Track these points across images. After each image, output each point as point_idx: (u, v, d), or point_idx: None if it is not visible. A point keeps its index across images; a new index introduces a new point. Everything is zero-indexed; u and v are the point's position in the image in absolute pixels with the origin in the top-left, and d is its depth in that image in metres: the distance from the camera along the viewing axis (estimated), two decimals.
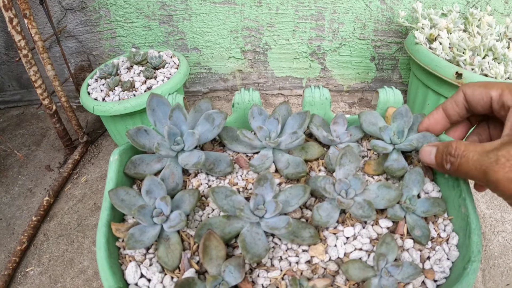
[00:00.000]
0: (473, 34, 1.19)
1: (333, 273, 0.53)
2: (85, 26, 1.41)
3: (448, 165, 0.47)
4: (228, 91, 1.64)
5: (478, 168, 0.42)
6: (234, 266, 0.49)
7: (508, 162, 0.39)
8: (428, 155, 0.52)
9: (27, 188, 1.25)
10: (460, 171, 0.46)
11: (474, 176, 0.44)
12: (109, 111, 1.06)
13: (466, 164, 0.44)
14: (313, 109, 0.73)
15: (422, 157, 0.54)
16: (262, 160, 0.64)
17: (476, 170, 0.43)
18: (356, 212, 0.56)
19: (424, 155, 0.54)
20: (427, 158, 0.53)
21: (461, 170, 0.45)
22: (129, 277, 0.52)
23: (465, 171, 0.45)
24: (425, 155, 0.53)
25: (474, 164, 0.43)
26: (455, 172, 0.47)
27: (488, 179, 0.41)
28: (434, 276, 0.52)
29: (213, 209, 0.60)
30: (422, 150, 0.54)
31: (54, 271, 0.99)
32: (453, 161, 0.46)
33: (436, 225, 0.59)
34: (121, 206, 0.56)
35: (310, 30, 1.43)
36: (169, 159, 0.64)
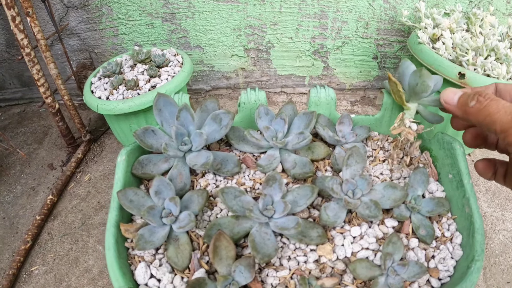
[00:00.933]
0: (476, 34, 1.19)
1: (341, 272, 0.53)
2: (87, 23, 1.41)
3: (473, 103, 0.45)
4: (231, 89, 1.64)
5: (509, 111, 0.41)
6: (244, 266, 0.49)
7: None
8: (452, 94, 0.49)
9: (30, 186, 1.25)
10: (485, 111, 0.43)
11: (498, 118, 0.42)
12: (113, 110, 1.06)
13: (495, 105, 0.42)
14: (318, 109, 0.74)
15: (444, 96, 0.51)
16: (269, 160, 0.65)
17: (506, 113, 0.41)
18: (363, 212, 0.56)
19: (447, 95, 0.50)
20: (450, 97, 0.50)
21: (486, 110, 0.43)
22: (139, 277, 0.52)
23: (491, 112, 0.43)
24: (449, 94, 0.50)
25: (505, 106, 0.41)
26: (477, 112, 0.45)
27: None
28: (438, 275, 0.53)
29: (221, 209, 0.60)
30: (447, 90, 0.51)
31: (59, 270, 0.99)
32: (481, 100, 0.44)
33: (440, 224, 0.60)
34: (130, 207, 0.56)
35: (313, 28, 1.43)
36: (177, 159, 0.64)
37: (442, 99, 0.51)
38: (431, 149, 0.70)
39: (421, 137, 0.73)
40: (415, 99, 0.61)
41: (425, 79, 0.58)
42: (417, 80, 0.59)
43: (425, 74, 0.58)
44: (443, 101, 0.51)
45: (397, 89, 0.61)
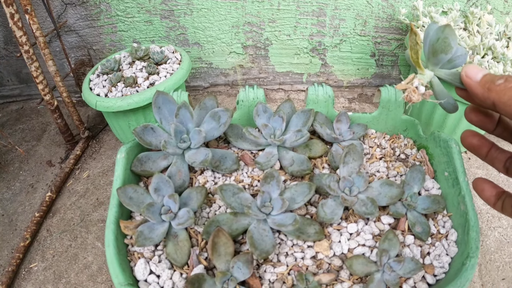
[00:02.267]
0: (473, 33, 1.19)
1: (338, 268, 0.54)
2: (85, 20, 1.41)
3: (501, 81, 0.43)
4: (229, 86, 1.65)
5: None
6: (242, 262, 0.50)
7: None
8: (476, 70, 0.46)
9: (29, 183, 1.25)
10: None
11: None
12: (112, 107, 1.06)
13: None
14: (316, 106, 0.74)
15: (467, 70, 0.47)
16: (267, 158, 0.65)
17: None
18: (359, 209, 0.57)
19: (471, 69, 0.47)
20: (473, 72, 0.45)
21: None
22: (139, 273, 0.53)
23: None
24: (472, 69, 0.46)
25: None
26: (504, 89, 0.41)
27: None
28: (434, 271, 0.54)
29: (220, 206, 0.61)
30: (472, 65, 0.47)
31: (58, 266, 0.99)
32: (510, 79, 0.42)
33: (435, 221, 0.61)
34: (130, 204, 0.57)
35: (311, 26, 1.43)
36: (176, 156, 0.65)
37: (463, 71, 0.46)
38: (427, 147, 0.71)
39: (418, 134, 0.73)
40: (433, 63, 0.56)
41: (447, 36, 0.49)
42: (439, 35, 0.50)
43: (449, 31, 0.49)
44: (464, 74, 0.46)
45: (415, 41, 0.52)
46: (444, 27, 0.52)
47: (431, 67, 0.57)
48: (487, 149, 0.55)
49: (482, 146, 0.55)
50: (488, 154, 0.55)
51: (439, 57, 0.54)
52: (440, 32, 0.51)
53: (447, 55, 0.53)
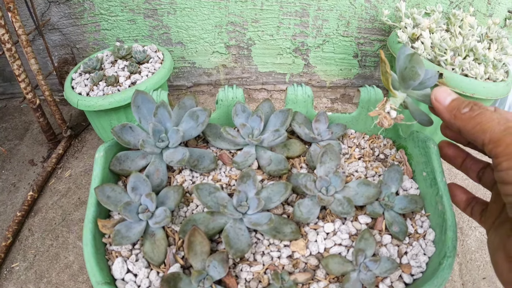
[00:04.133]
0: (455, 34, 1.21)
1: (314, 267, 0.54)
2: (69, 19, 1.40)
3: (466, 109, 0.45)
4: (211, 85, 1.65)
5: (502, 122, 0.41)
6: (218, 261, 0.50)
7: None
8: (445, 94, 0.49)
9: (11, 183, 1.24)
10: (478, 119, 0.43)
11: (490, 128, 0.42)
12: (93, 106, 1.05)
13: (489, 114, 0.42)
14: (295, 106, 0.75)
15: (437, 93, 0.50)
16: (245, 157, 0.66)
17: (500, 123, 0.41)
18: (336, 209, 0.58)
19: (440, 93, 0.49)
20: (442, 96, 0.49)
21: (479, 118, 0.43)
22: (116, 272, 0.53)
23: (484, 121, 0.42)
24: (442, 93, 0.49)
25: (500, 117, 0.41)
26: (468, 119, 0.44)
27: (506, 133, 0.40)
28: (411, 271, 0.54)
29: (197, 205, 0.61)
30: (441, 88, 0.50)
31: (40, 266, 0.99)
32: (475, 108, 0.44)
33: (413, 221, 0.61)
34: (107, 203, 0.57)
35: (294, 26, 1.44)
36: (154, 155, 0.65)
37: (433, 95, 0.50)
38: (406, 147, 0.72)
39: (397, 135, 0.74)
40: (404, 87, 0.58)
41: (414, 64, 0.54)
42: (406, 63, 0.55)
43: (416, 59, 0.53)
44: (433, 98, 0.50)
45: (385, 69, 0.56)
46: (411, 56, 0.53)
47: (403, 90, 0.59)
48: (461, 159, 0.56)
49: (457, 156, 0.57)
50: (462, 164, 0.56)
51: (408, 83, 0.56)
52: (407, 61, 0.54)
53: (416, 81, 0.55)
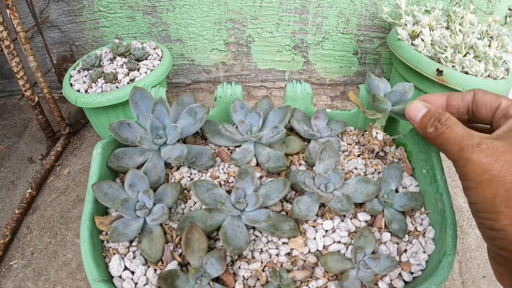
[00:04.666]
0: (455, 32, 1.20)
1: (312, 265, 0.54)
2: (68, 16, 1.39)
3: (431, 129, 0.47)
4: (211, 82, 1.64)
5: (458, 142, 0.43)
6: (215, 258, 0.50)
7: (488, 150, 0.40)
8: (416, 111, 0.51)
9: (9, 180, 1.24)
10: (440, 139, 0.45)
11: (449, 148, 0.44)
12: (91, 103, 1.05)
13: (448, 134, 0.44)
14: (294, 103, 0.74)
15: (408, 111, 0.52)
16: (243, 154, 0.65)
17: (456, 144, 0.43)
18: (335, 206, 0.57)
19: (411, 110, 0.52)
20: (413, 114, 0.51)
21: (441, 138, 0.45)
22: (113, 269, 0.52)
23: (444, 141, 0.45)
24: (412, 111, 0.51)
25: (457, 137, 0.43)
26: (434, 138, 0.47)
27: (461, 155, 0.42)
28: (410, 269, 0.54)
29: (195, 202, 0.61)
30: (412, 104, 0.52)
31: (38, 264, 0.99)
32: (438, 127, 0.46)
33: (413, 219, 0.61)
34: (105, 200, 0.56)
35: (293, 23, 1.43)
36: (152, 152, 0.64)
37: (406, 113, 0.52)
38: (406, 144, 0.71)
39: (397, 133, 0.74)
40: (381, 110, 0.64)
41: (378, 104, 0.63)
42: (371, 103, 0.64)
43: (377, 99, 0.62)
44: (407, 116, 0.52)
45: (360, 109, 0.68)
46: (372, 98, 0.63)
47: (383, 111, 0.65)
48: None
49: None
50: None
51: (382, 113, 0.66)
52: (371, 101, 0.63)
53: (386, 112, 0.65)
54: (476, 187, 0.41)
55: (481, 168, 0.40)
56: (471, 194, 0.42)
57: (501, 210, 0.39)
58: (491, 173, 0.39)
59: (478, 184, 0.41)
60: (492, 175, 0.39)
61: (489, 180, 0.39)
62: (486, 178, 0.40)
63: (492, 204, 0.39)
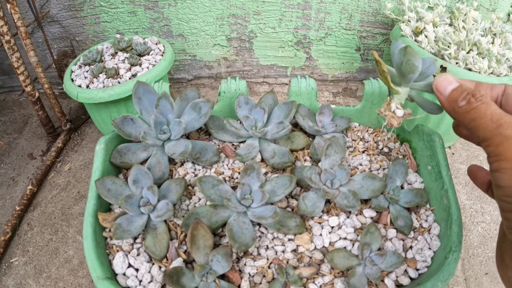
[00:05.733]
0: (459, 28, 1.19)
1: (319, 261, 0.54)
2: (68, 11, 1.38)
3: (463, 102, 0.42)
4: (212, 78, 1.63)
5: (495, 119, 0.39)
6: (221, 255, 0.49)
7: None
8: (446, 83, 0.46)
9: (10, 177, 1.23)
10: (472, 114, 0.41)
11: (483, 124, 0.40)
12: (93, 98, 1.04)
13: (484, 110, 0.40)
14: (299, 99, 0.74)
15: (437, 83, 0.47)
16: (248, 150, 0.65)
17: (492, 120, 0.39)
18: (341, 202, 0.57)
19: (441, 82, 0.47)
20: (443, 86, 0.47)
21: (474, 113, 0.41)
22: (117, 267, 0.52)
23: (478, 116, 0.41)
24: (442, 83, 0.47)
25: (494, 113, 0.39)
26: (465, 113, 0.43)
27: (498, 132, 0.38)
28: (416, 265, 0.54)
29: (200, 198, 0.60)
30: (442, 76, 0.48)
31: (39, 261, 0.98)
32: (472, 101, 0.41)
33: (418, 215, 0.60)
34: (108, 196, 0.56)
35: (296, 19, 1.42)
36: (155, 148, 0.64)
37: (434, 84, 0.48)
38: (410, 140, 0.71)
39: (401, 129, 0.73)
40: (405, 82, 0.57)
41: (410, 58, 0.52)
42: (401, 58, 0.54)
43: (410, 52, 0.52)
44: (434, 88, 0.48)
45: (381, 69, 0.56)
46: (404, 50, 0.52)
47: (404, 84, 0.57)
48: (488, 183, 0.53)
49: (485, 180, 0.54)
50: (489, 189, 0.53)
51: (408, 77, 0.54)
52: (402, 56, 0.53)
53: (415, 74, 0.53)
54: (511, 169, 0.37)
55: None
56: (503, 176, 0.38)
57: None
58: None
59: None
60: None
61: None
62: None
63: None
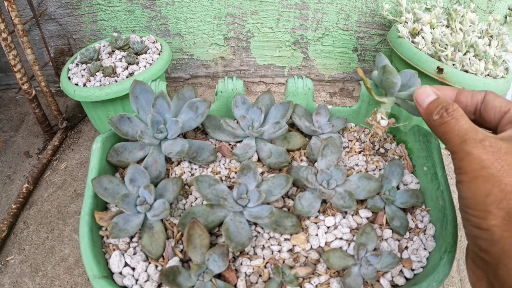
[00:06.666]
0: (456, 30, 1.20)
1: (315, 261, 0.54)
2: (66, 9, 1.38)
3: (436, 116, 0.46)
4: (209, 77, 1.63)
5: (461, 134, 0.42)
6: (218, 254, 0.49)
7: (491, 148, 0.39)
8: (425, 96, 0.50)
9: (6, 175, 1.23)
10: (443, 128, 0.45)
11: (451, 138, 0.44)
12: (90, 97, 1.04)
13: (453, 125, 0.44)
14: (296, 99, 0.74)
15: (417, 95, 0.51)
16: (245, 149, 0.65)
17: (458, 135, 0.42)
18: (337, 202, 0.57)
19: (420, 95, 0.51)
20: (421, 98, 0.50)
21: (444, 127, 0.45)
22: (113, 266, 0.52)
23: (447, 131, 0.44)
24: (421, 95, 0.51)
25: (461, 129, 0.43)
26: (438, 126, 0.46)
27: (461, 148, 0.42)
28: (411, 265, 0.54)
29: (196, 198, 0.60)
30: (421, 89, 0.52)
31: (35, 259, 0.98)
32: (444, 116, 0.45)
33: (414, 216, 0.61)
34: (105, 195, 0.56)
35: (294, 19, 1.43)
36: (152, 147, 0.64)
37: (414, 97, 0.52)
38: (406, 141, 0.71)
39: (397, 130, 0.73)
40: (389, 94, 0.62)
41: (388, 76, 0.58)
42: (381, 76, 0.59)
43: (388, 70, 0.58)
44: (414, 100, 0.52)
45: (366, 85, 0.63)
46: (383, 69, 0.58)
47: (389, 95, 0.62)
48: None
49: None
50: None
51: (390, 91, 0.60)
52: (381, 74, 0.59)
53: (395, 89, 0.60)
54: (470, 182, 0.41)
55: (480, 164, 0.40)
56: (463, 188, 0.42)
57: (491, 210, 0.38)
58: (489, 171, 0.39)
59: (473, 180, 0.40)
60: (489, 173, 0.39)
61: (485, 177, 0.39)
62: (482, 175, 0.39)
63: (484, 202, 0.39)
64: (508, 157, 0.39)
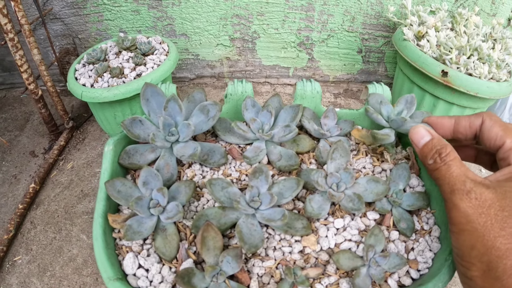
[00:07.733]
0: (460, 33, 1.21)
1: (325, 262, 0.55)
2: (71, 8, 1.39)
3: (431, 161, 0.48)
4: (215, 78, 1.64)
5: (450, 184, 0.44)
6: (232, 256, 0.50)
7: (476, 201, 0.41)
8: (420, 137, 0.51)
9: (12, 174, 1.23)
10: (436, 174, 0.47)
11: (442, 186, 0.46)
12: (98, 98, 1.05)
13: (444, 172, 0.45)
14: (304, 102, 0.75)
15: (412, 135, 0.52)
16: (255, 152, 0.65)
17: (448, 185, 0.44)
18: (346, 205, 0.58)
19: (414, 135, 0.52)
20: (416, 139, 0.52)
21: (437, 173, 0.46)
22: (127, 267, 0.53)
23: (439, 177, 0.46)
24: (417, 136, 0.52)
25: (451, 178, 0.44)
26: (432, 171, 0.48)
27: (450, 198, 0.44)
28: (417, 266, 0.55)
29: (208, 200, 0.61)
30: (415, 129, 0.52)
31: (43, 259, 0.98)
32: (437, 161, 0.46)
33: (419, 218, 0.62)
34: (118, 198, 0.56)
35: (299, 20, 1.43)
36: (164, 149, 0.65)
37: (410, 137, 0.53)
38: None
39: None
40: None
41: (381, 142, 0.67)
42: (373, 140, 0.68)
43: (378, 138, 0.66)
44: (410, 140, 0.53)
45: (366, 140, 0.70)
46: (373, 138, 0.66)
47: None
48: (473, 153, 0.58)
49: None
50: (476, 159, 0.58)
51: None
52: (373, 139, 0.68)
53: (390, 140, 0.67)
54: (458, 234, 0.43)
55: (466, 218, 0.41)
56: (453, 238, 0.45)
57: (475, 263, 0.41)
58: (474, 225, 0.41)
59: (460, 232, 0.42)
60: (474, 228, 0.41)
61: (470, 231, 0.41)
62: (468, 229, 0.41)
63: (469, 254, 0.41)
64: (491, 211, 0.40)
